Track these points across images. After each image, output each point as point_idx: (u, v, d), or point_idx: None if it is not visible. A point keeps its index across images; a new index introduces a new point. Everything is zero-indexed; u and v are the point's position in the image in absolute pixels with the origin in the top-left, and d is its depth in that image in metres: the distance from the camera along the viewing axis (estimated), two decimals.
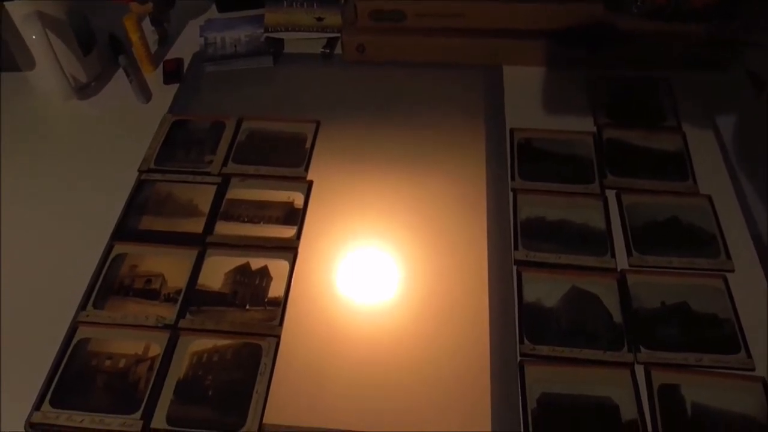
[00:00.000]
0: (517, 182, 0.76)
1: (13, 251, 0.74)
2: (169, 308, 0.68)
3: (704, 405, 0.58)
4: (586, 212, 0.73)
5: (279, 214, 0.75)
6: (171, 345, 0.65)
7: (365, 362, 0.63)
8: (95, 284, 0.70)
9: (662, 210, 0.73)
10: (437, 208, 0.75)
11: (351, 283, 0.70)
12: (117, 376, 0.63)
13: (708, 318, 0.64)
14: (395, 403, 0.61)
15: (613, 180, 0.76)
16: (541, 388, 0.60)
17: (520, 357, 0.63)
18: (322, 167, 0.80)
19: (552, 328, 0.64)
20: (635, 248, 0.69)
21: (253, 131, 0.85)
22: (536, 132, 0.82)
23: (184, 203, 0.77)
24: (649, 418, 0.58)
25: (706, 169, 0.76)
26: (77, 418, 0.60)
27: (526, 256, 0.69)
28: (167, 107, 0.89)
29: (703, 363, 0.61)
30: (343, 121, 0.85)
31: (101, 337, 0.66)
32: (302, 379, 0.63)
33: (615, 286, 0.67)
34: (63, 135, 0.87)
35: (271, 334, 0.65)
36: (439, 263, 0.70)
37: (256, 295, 0.68)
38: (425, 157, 0.80)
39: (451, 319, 0.66)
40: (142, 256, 0.72)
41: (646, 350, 0.62)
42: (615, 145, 0.79)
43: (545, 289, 0.67)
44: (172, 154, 0.83)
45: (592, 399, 0.59)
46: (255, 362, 0.63)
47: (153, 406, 0.61)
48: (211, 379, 0.62)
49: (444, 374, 0.62)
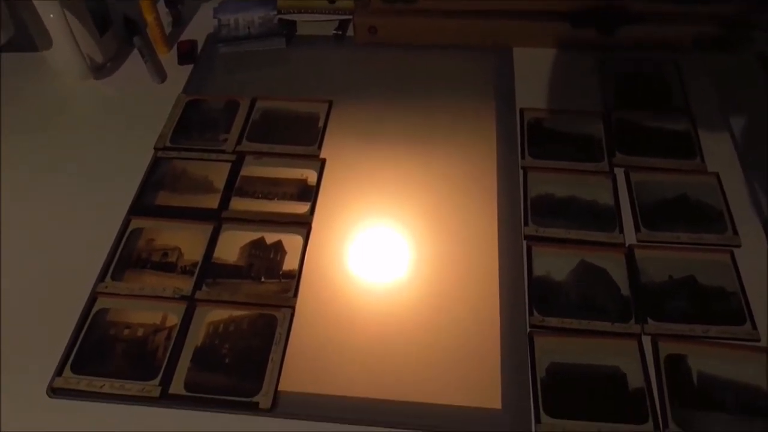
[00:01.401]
0: (527, 160, 0.77)
1: (33, 226, 0.75)
2: (185, 280, 0.69)
3: (710, 374, 0.59)
4: (595, 189, 0.74)
5: (293, 191, 0.77)
6: (188, 315, 0.66)
7: (378, 333, 0.65)
8: (113, 257, 0.71)
9: (670, 187, 0.73)
10: (448, 185, 0.76)
11: (364, 257, 0.71)
12: (135, 344, 0.65)
13: (715, 291, 0.65)
14: (407, 372, 0.62)
15: (622, 158, 0.77)
16: (550, 358, 0.61)
17: (530, 328, 0.64)
18: (335, 146, 0.81)
19: (561, 301, 0.65)
20: (643, 224, 0.70)
21: (266, 111, 0.86)
22: (546, 112, 0.83)
23: (199, 180, 0.78)
24: (655, 387, 0.59)
25: (714, 148, 0.77)
26: (98, 383, 0.62)
27: (536, 232, 0.71)
28: (181, 87, 0.90)
29: (710, 334, 0.62)
30: (355, 101, 0.87)
31: (120, 307, 0.67)
32: (316, 348, 0.64)
33: (623, 260, 0.68)
34: (80, 113, 0.89)
35: (286, 305, 0.67)
36: (450, 239, 0.72)
37: (270, 269, 0.70)
38: (436, 137, 0.82)
39: (462, 292, 0.67)
40: (159, 231, 0.73)
41: (654, 322, 0.63)
42: (624, 124, 0.80)
43: (554, 263, 0.68)
44: (187, 132, 0.84)
45: (600, 368, 0.60)
46: (270, 332, 0.65)
47: (171, 373, 0.62)
48: (227, 348, 0.64)
49: (455, 344, 0.64)
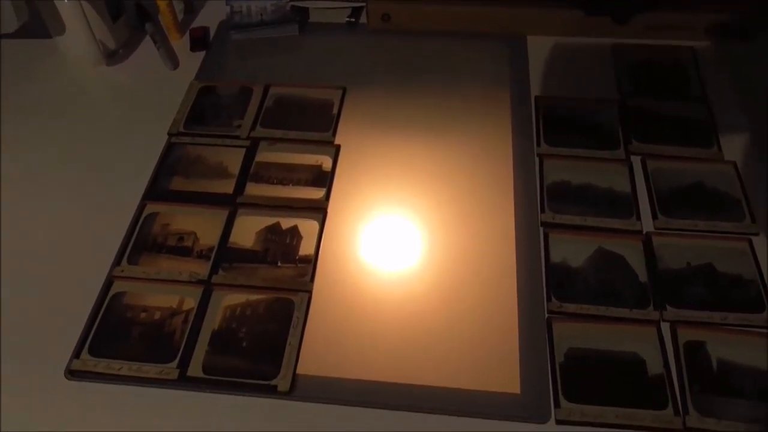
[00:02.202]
0: (542, 148, 0.77)
1: (49, 212, 0.75)
2: (201, 264, 0.69)
3: (730, 361, 0.59)
4: (611, 177, 0.74)
5: (308, 177, 0.76)
6: (205, 299, 0.66)
7: (395, 318, 0.65)
8: (129, 241, 0.71)
9: (687, 175, 0.73)
10: (464, 172, 0.76)
11: (380, 242, 0.71)
12: (152, 327, 0.64)
13: (733, 279, 0.65)
14: (425, 356, 0.62)
15: (638, 146, 0.77)
16: (568, 343, 0.61)
17: (548, 314, 0.64)
18: (349, 132, 0.81)
19: (578, 288, 0.65)
20: (660, 211, 0.70)
21: (280, 97, 0.86)
22: (561, 100, 0.83)
23: (213, 165, 0.78)
24: (675, 373, 0.59)
25: (731, 136, 0.77)
26: (115, 365, 0.62)
27: (553, 218, 0.70)
28: (194, 74, 0.90)
29: (728, 321, 0.62)
30: (368, 88, 0.86)
31: (136, 290, 0.67)
32: (334, 332, 0.64)
33: (640, 247, 0.68)
34: (92, 100, 0.89)
35: (303, 289, 0.67)
36: (467, 225, 0.71)
37: (287, 253, 0.70)
38: (451, 124, 0.81)
39: (479, 278, 0.67)
40: (174, 215, 0.73)
41: (672, 308, 0.63)
42: (640, 112, 0.80)
43: (571, 249, 0.68)
44: (200, 118, 0.84)
45: (618, 354, 0.60)
46: (287, 316, 0.65)
47: (189, 356, 0.62)
48: (245, 332, 0.64)
49: (473, 330, 0.63)
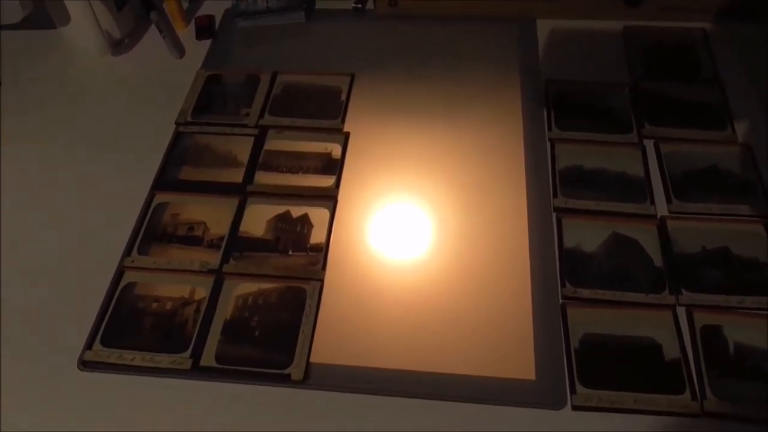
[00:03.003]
0: (554, 132, 0.77)
1: (57, 203, 0.75)
2: (212, 254, 0.69)
3: (747, 345, 0.59)
4: (624, 161, 0.73)
5: (317, 164, 0.76)
6: (216, 288, 0.66)
7: (409, 305, 0.64)
8: (138, 232, 0.71)
9: (701, 158, 0.73)
10: (474, 158, 0.76)
11: (392, 229, 0.70)
12: (164, 317, 0.64)
13: (749, 262, 0.64)
14: (439, 344, 0.62)
15: (651, 129, 0.76)
16: (583, 329, 0.61)
17: (562, 300, 0.63)
18: (358, 119, 0.80)
19: (593, 273, 0.65)
20: (675, 195, 0.70)
21: (288, 85, 0.85)
22: (572, 84, 0.82)
23: (222, 154, 0.78)
24: (692, 357, 0.59)
25: (744, 119, 0.76)
26: (128, 356, 0.62)
27: (565, 204, 0.70)
28: (200, 63, 0.89)
29: (745, 305, 0.62)
30: (377, 74, 0.86)
31: (147, 281, 0.67)
32: (347, 321, 0.64)
33: (655, 231, 0.67)
34: (99, 90, 0.88)
35: (315, 278, 0.66)
36: (478, 212, 0.71)
37: (298, 242, 0.69)
38: (461, 109, 0.81)
39: (492, 264, 0.67)
40: (183, 205, 0.73)
41: (688, 293, 0.63)
42: (652, 96, 0.79)
43: (585, 234, 0.67)
44: (208, 107, 0.83)
45: (634, 339, 0.60)
46: (300, 305, 0.64)
47: (201, 346, 0.62)
48: (257, 321, 0.64)
49: (486, 316, 0.63)
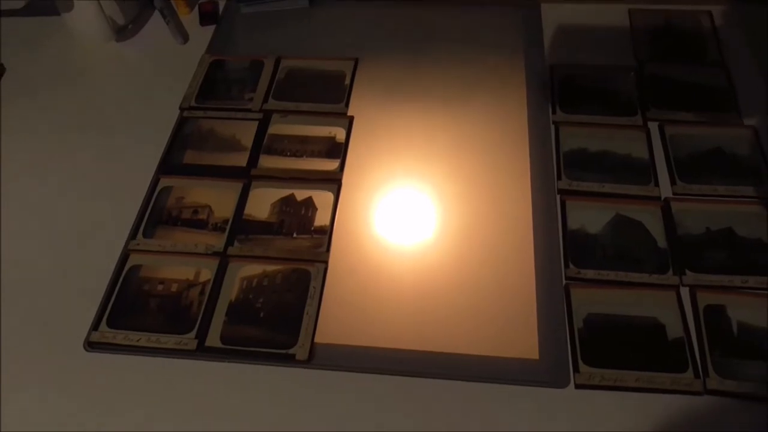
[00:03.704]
0: (558, 115, 0.76)
1: (63, 187, 0.75)
2: (217, 237, 0.69)
3: (750, 324, 0.59)
4: (629, 143, 0.73)
5: (321, 148, 0.76)
6: (221, 270, 0.66)
7: (413, 285, 0.64)
8: (143, 215, 0.71)
9: (705, 141, 0.72)
10: (479, 141, 0.75)
11: (396, 212, 0.70)
12: (170, 299, 0.65)
13: (753, 243, 0.64)
14: (443, 324, 0.62)
15: (656, 112, 0.76)
16: (587, 309, 0.61)
17: (566, 280, 0.63)
18: (363, 103, 0.80)
19: (597, 254, 0.65)
20: (679, 177, 0.70)
21: (291, 70, 0.85)
22: (577, 68, 0.81)
23: (226, 138, 0.78)
24: (695, 336, 0.59)
25: (749, 101, 0.76)
26: (134, 337, 0.62)
27: (569, 186, 0.70)
28: (204, 48, 0.90)
29: (749, 285, 0.62)
30: (381, 59, 0.85)
31: (152, 263, 0.67)
32: (352, 302, 0.64)
33: (659, 213, 0.67)
34: (103, 76, 0.88)
35: (319, 260, 0.66)
36: (482, 194, 0.71)
37: (302, 224, 0.69)
38: (465, 93, 0.80)
39: (496, 246, 0.67)
40: (188, 189, 0.73)
41: (692, 273, 0.63)
42: (657, 78, 0.79)
43: (589, 216, 0.67)
44: (212, 92, 0.83)
45: (637, 319, 0.60)
46: (304, 286, 0.65)
47: (207, 327, 0.62)
48: (262, 302, 0.64)
49: (490, 297, 0.63)
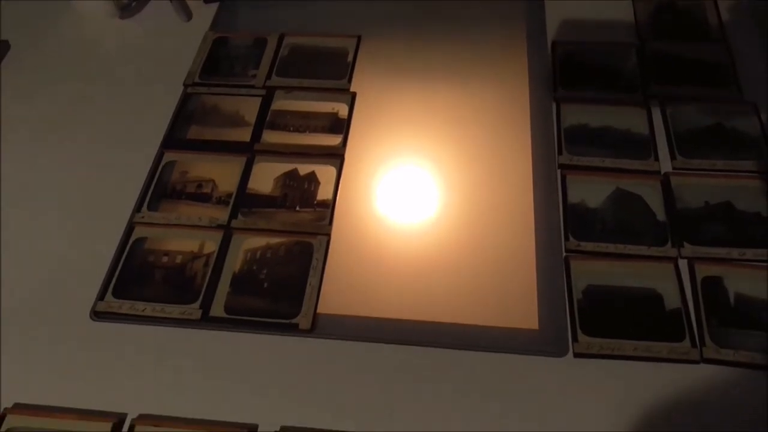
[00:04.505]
0: (560, 92, 0.77)
1: (69, 161, 0.76)
2: (221, 210, 0.70)
3: (747, 295, 0.60)
4: (630, 119, 0.73)
5: (324, 124, 0.77)
6: (225, 243, 0.67)
7: (414, 257, 0.65)
8: (148, 189, 0.72)
9: (706, 116, 0.73)
10: (480, 117, 0.76)
11: (398, 186, 0.71)
12: (174, 270, 0.66)
13: (752, 216, 0.65)
14: (444, 295, 0.63)
15: (657, 89, 0.76)
16: (586, 280, 0.62)
17: (566, 253, 0.64)
18: (365, 80, 0.81)
19: (596, 227, 0.65)
20: (679, 152, 0.70)
21: (295, 46, 0.85)
22: (579, 45, 0.82)
23: (230, 114, 0.78)
24: (692, 307, 0.60)
25: (750, 78, 0.76)
26: (139, 306, 0.63)
27: (570, 161, 0.70)
28: (208, 25, 0.90)
29: (746, 257, 0.62)
30: (384, 36, 0.86)
31: (157, 236, 0.68)
32: (354, 273, 0.65)
33: (659, 187, 0.68)
34: (107, 53, 0.89)
35: (322, 232, 0.67)
36: (484, 169, 0.72)
37: (305, 198, 0.70)
38: (467, 70, 0.81)
39: (497, 219, 0.67)
40: (192, 163, 0.74)
41: (690, 245, 0.63)
42: (659, 55, 0.79)
43: (589, 190, 0.68)
44: (216, 68, 0.84)
45: (636, 290, 0.61)
46: (307, 258, 0.65)
47: (211, 297, 0.63)
48: (265, 273, 0.65)
49: (491, 269, 0.64)
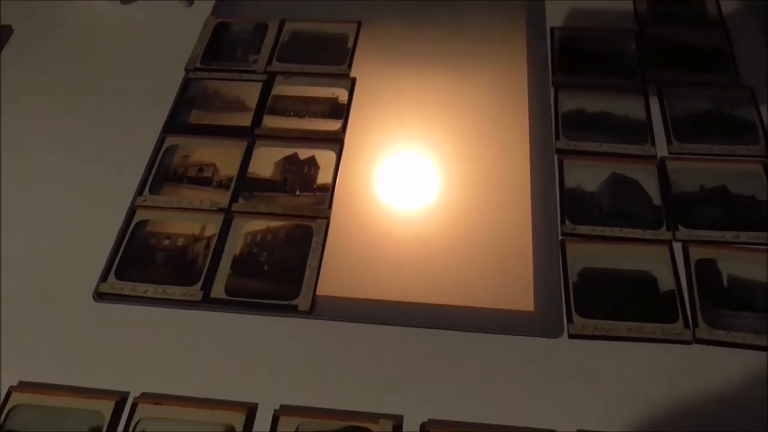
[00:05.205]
0: (558, 77, 0.77)
1: (71, 144, 0.77)
2: (222, 193, 0.71)
3: (740, 277, 0.61)
4: (627, 105, 0.74)
5: (324, 109, 0.77)
6: (226, 226, 0.68)
7: (412, 241, 0.66)
8: (150, 173, 0.73)
9: (703, 101, 0.73)
10: (479, 102, 0.77)
11: (396, 170, 0.72)
12: (176, 253, 0.67)
13: (746, 200, 0.66)
14: (441, 277, 0.64)
15: (655, 74, 0.76)
16: (582, 263, 0.63)
17: (562, 236, 0.65)
18: (365, 65, 0.82)
19: (593, 211, 0.66)
20: (675, 137, 0.71)
21: (295, 32, 0.86)
22: (578, 30, 0.82)
23: (231, 99, 0.79)
24: (686, 289, 0.60)
25: (747, 63, 0.77)
26: (141, 288, 0.64)
27: (567, 145, 0.71)
28: (209, 11, 0.90)
29: (740, 240, 0.63)
30: (384, 22, 0.86)
31: (159, 219, 0.69)
32: (352, 256, 0.66)
33: (655, 171, 0.68)
34: (109, 37, 0.89)
35: (321, 216, 0.68)
36: (482, 154, 0.72)
37: (305, 182, 0.71)
38: (466, 55, 0.81)
39: (494, 204, 0.68)
40: (193, 148, 0.75)
41: (685, 229, 0.64)
42: (657, 41, 0.80)
43: (586, 175, 0.69)
44: (217, 54, 0.84)
45: (630, 272, 0.62)
46: (306, 241, 0.66)
47: (212, 279, 0.64)
48: (265, 256, 0.66)
49: (488, 253, 0.65)
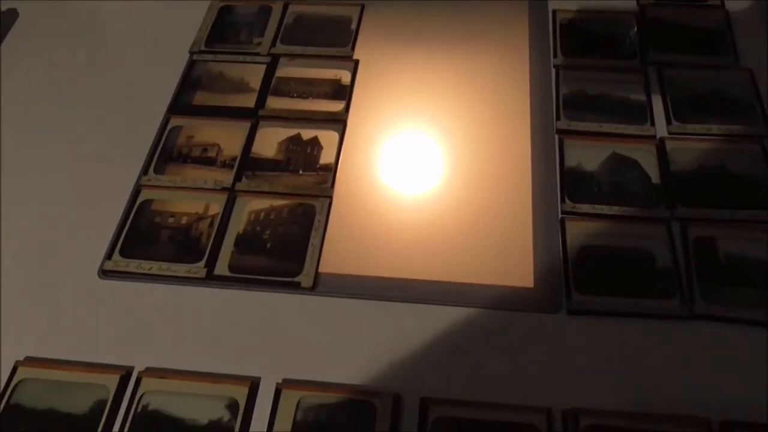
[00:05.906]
0: (559, 59, 0.78)
1: (77, 125, 0.78)
2: (225, 173, 0.71)
3: (738, 254, 0.61)
4: (628, 86, 0.74)
5: (327, 90, 0.78)
6: (229, 204, 0.69)
7: (413, 218, 0.67)
8: (155, 153, 0.74)
9: (702, 83, 0.74)
10: (481, 84, 0.77)
11: (398, 150, 0.73)
12: (180, 231, 0.67)
13: (744, 179, 0.66)
14: (442, 254, 0.64)
15: (655, 55, 0.77)
16: (581, 240, 0.63)
17: (561, 214, 0.66)
18: (368, 48, 0.82)
19: (592, 190, 0.67)
20: (675, 117, 0.71)
21: (299, 15, 0.87)
22: (579, 13, 0.83)
23: (235, 81, 0.80)
24: (683, 266, 0.61)
25: (748, 45, 0.77)
26: (146, 265, 0.65)
27: (568, 126, 0.72)
28: None
29: (738, 217, 0.64)
30: (386, 4, 0.87)
31: (163, 198, 0.70)
32: (354, 234, 0.67)
33: (654, 151, 0.69)
34: (114, 20, 0.90)
35: (324, 195, 0.69)
36: (483, 134, 0.73)
37: (308, 162, 0.72)
38: (469, 37, 0.82)
39: (496, 182, 0.69)
40: (198, 128, 0.76)
41: (683, 207, 0.65)
42: (658, 22, 0.80)
43: (586, 154, 0.69)
44: (221, 36, 0.85)
45: (628, 250, 0.62)
46: (309, 219, 0.67)
47: (215, 256, 0.65)
48: (269, 234, 0.67)
49: (488, 230, 0.66)
